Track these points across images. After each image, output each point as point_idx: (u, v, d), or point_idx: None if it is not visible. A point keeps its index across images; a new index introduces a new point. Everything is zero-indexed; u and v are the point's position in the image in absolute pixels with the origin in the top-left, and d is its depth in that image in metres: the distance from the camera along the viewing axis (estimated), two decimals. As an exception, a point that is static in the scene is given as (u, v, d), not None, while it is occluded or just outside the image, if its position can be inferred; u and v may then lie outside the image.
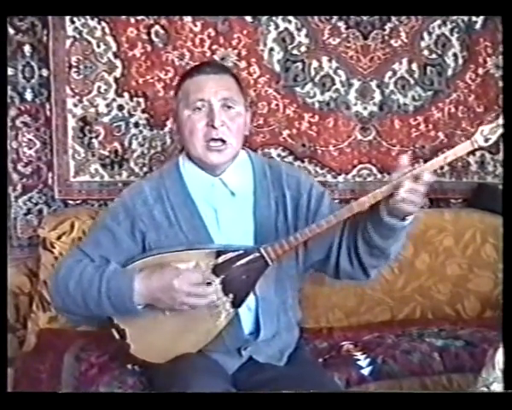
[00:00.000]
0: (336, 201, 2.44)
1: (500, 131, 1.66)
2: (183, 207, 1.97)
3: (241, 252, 1.87)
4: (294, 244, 1.87)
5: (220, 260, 1.86)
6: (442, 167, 2.78)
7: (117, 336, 1.95)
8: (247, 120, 2.02)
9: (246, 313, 1.95)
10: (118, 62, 2.63)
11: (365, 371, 2.12)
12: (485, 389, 1.56)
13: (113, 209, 2.01)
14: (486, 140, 1.68)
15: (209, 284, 1.84)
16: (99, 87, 2.63)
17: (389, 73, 2.77)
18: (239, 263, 1.86)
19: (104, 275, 1.87)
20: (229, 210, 1.98)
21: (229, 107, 1.93)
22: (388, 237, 1.84)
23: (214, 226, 1.96)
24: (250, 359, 1.96)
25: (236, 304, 1.88)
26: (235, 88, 1.98)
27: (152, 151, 2.68)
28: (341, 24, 2.72)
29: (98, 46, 2.61)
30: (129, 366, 2.05)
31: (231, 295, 1.86)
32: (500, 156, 2.83)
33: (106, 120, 2.65)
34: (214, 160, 1.93)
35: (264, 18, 2.66)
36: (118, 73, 2.63)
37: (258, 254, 1.86)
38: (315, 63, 2.73)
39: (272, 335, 1.98)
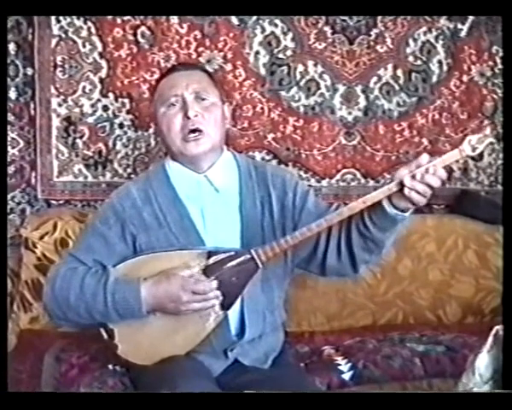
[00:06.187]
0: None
1: (487, 140, 1.69)
2: (171, 209, 1.96)
3: (232, 253, 1.87)
4: (285, 247, 1.86)
5: (211, 261, 1.86)
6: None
7: (105, 335, 1.93)
8: (225, 112, 2.04)
9: (231, 313, 1.93)
10: (103, 63, 2.62)
11: (346, 376, 2.12)
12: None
13: (103, 213, 2.00)
14: (474, 149, 1.71)
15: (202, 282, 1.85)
16: (84, 87, 2.62)
17: (374, 79, 2.78)
18: (229, 265, 1.85)
19: (107, 289, 1.85)
20: (215, 209, 1.97)
21: (202, 98, 1.95)
22: (386, 230, 1.84)
23: (201, 225, 1.96)
24: (235, 361, 1.95)
25: (226, 306, 1.87)
26: (206, 81, 2.01)
27: (136, 152, 2.68)
28: (327, 29, 2.72)
29: (84, 46, 2.61)
30: (110, 367, 2.04)
31: (221, 298, 1.85)
32: (483, 163, 2.84)
33: (90, 120, 2.64)
34: (193, 150, 1.93)
35: (251, 21, 2.67)
36: (103, 73, 2.63)
37: (248, 256, 1.85)
38: (300, 67, 2.73)
39: (258, 335, 1.98)
